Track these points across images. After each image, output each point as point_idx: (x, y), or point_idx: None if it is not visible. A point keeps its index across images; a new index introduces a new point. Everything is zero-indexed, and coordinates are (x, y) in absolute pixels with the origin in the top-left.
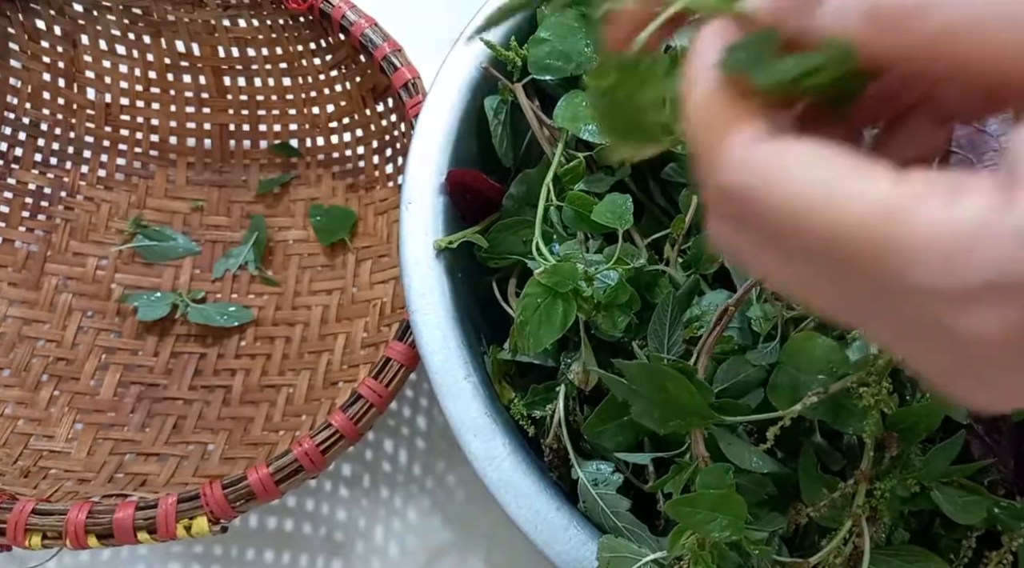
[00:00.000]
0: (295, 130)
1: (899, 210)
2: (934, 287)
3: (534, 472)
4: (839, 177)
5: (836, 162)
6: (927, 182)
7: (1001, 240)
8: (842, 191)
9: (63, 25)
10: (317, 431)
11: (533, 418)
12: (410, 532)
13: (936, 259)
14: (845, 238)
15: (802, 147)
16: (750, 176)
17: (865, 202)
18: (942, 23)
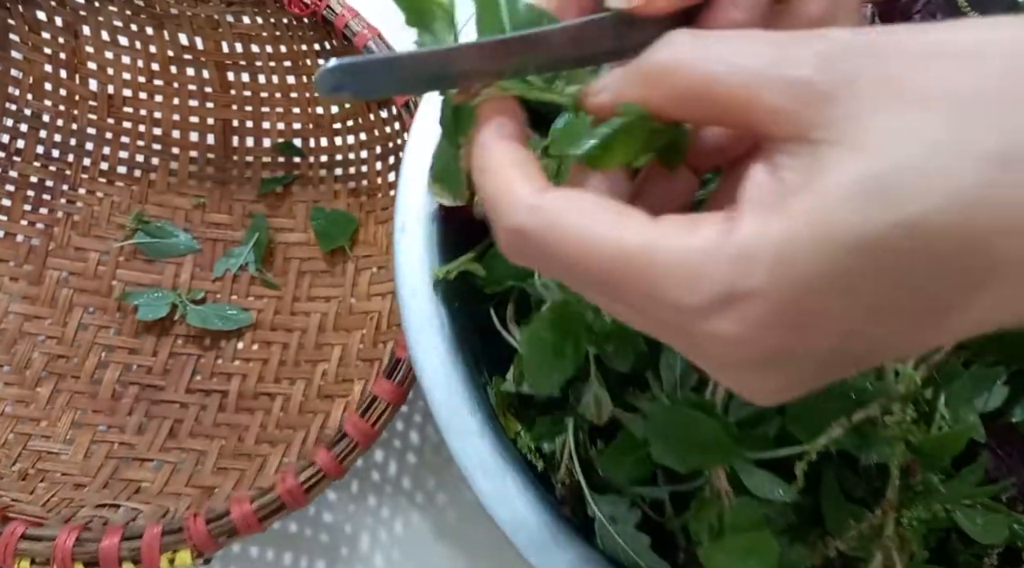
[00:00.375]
0: (299, 129)
1: (648, 245)
2: (679, 304)
3: (548, 510)
4: (605, 222)
5: (603, 210)
6: (672, 220)
7: (722, 260)
8: (608, 234)
9: (64, 16)
10: (301, 469)
11: (542, 451)
12: (396, 544)
13: (677, 281)
14: (611, 272)
15: (580, 198)
16: (535, 222)
17: (624, 242)
18: (689, 79)
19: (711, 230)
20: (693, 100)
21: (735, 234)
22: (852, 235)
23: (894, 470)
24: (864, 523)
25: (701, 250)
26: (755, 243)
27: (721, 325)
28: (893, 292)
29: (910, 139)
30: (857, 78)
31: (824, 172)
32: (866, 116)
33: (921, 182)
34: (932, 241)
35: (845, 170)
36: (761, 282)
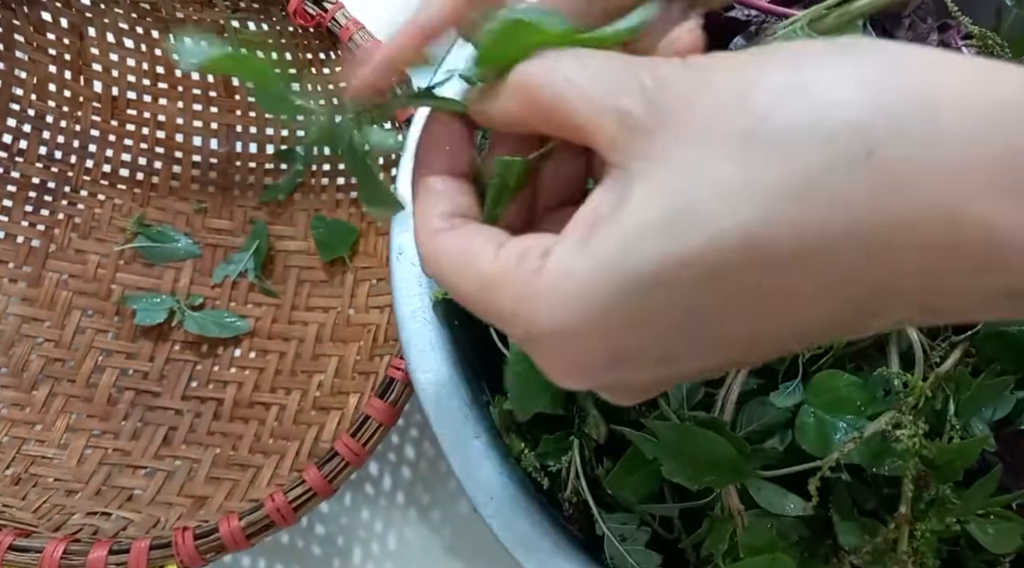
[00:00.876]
0: (302, 137)
1: (491, 284)
2: (512, 334)
3: (556, 530)
4: (465, 259)
5: (470, 245)
6: (511, 252)
7: (533, 298)
8: (469, 273)
9: (70, 17)
10: (291, 486)
11: (547, 470)
12: (389, 559)
13: (503, 315)
14: (472, 302)
15: (453, 237)
16: (430, 266)
17: (474, 278)
18: (543, 96)
19: (531, 264)
20: (547, 117)
21: (543, 273)
22: (637, 269)
23: (907, 484)
24: (878, 538)
25: (523, 284)
26: (559, 284)
27: (543, 361)
28: (682, 322)
29: (701, 175)
30: (670, 114)
31: (625, 205)
32: (670, 151)
33: (704, 217)
34: (714, 273)
35: (641, 205)
36: (567, 322)
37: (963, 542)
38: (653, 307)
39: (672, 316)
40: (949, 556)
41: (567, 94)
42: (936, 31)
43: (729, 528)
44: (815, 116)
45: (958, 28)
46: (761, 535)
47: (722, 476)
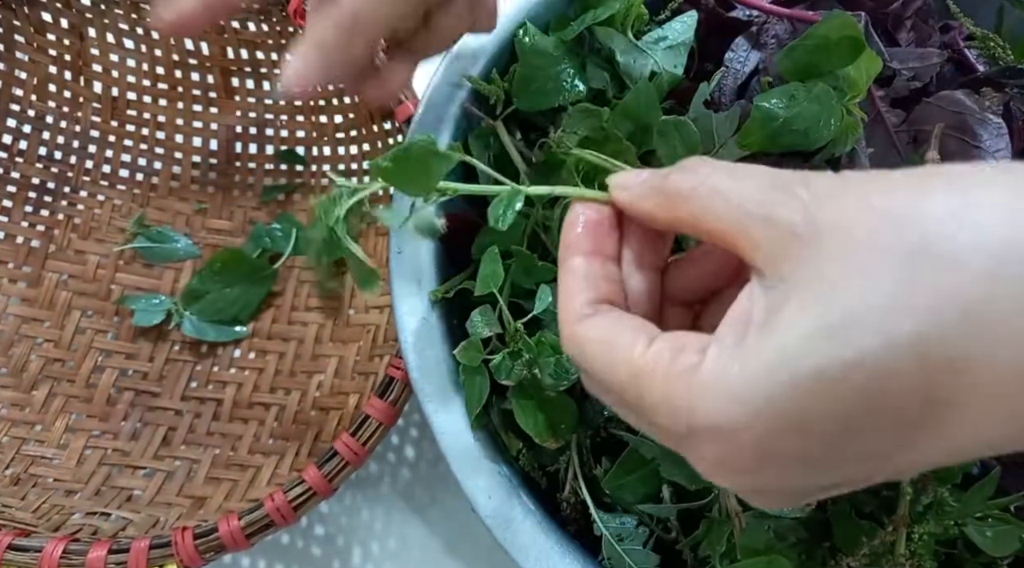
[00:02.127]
0: (302, 137)
1: (644, 374)
2: (662, 429)
3: (553, 530)
4: (614, 346)
5: (620, 333)
6: (664, 346)
7: (691, 396)
8: (618, 360)
9: (70, 18)
10: (290, 486)
11: (545, 470)
12: (389, 559)
13: (658, 410)
14: (619, 394)
15: (600, 323)
16: (573, 349)
17: (623, 366)
18: (694, 212)
19: (687, 361)
20: (694, 225)
21: (701, 370)
22: (798, 372)
23: (906, 487)
24: (876, 540)
25: (679, 381)
26: (716, 383)
27: (693, 455)
28: (838, 429)
29: (864, 287)
30: (828, 228)
31: (782, 311)
32: (826, 262)
33: (871, 324)
34: (871, 381)
35: (800, 312)
36: (727, 420)
37: (960, 544)
38: (810, 412)
39: (827, 422)
40: (947, 558)
41: (720, 209)
42: (938, 32)
43: (727, 530)
44: (976, 235)
45: (960, 29)
46: (759, 537)
47: None
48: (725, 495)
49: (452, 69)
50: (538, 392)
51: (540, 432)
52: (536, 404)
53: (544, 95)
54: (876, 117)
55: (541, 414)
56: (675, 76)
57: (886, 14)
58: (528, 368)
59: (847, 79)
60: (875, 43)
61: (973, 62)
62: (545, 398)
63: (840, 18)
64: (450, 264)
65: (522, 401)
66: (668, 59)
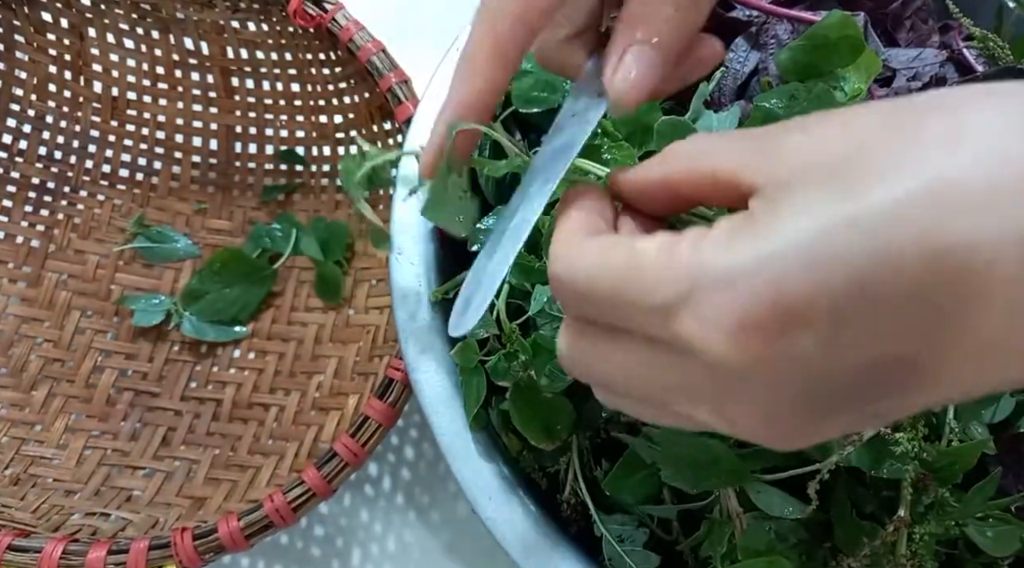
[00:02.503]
0: (302, 138)
1: (641, 254)
2: (669, 314)
3: (555, 532)
4: (604, 249)
5: (614, 243)
6: (658, 238)
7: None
8: (606, 258)
9: (70, 18)
10: (290, 487)
11: (546, 471)
12: (388, 560)
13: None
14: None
15: (590, 240)
16: (563, 266)
17: (621, 257)
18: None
19: (692, 236)
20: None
21: (712, 232)
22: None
23: (907, 487)
24: (877, 540)
25: (683, 250)
26: (734, 235)
27: (694, 324)
28: (877, 324)
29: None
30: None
31: (792, 197)
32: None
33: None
34: (908, 272)
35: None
36: (725, 266)
37: (961, 544)
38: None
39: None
40: (947, 559)
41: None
42: (937, 32)
43: (728, 531)
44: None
45: (959, 29)
46: (760, 538)
47: (721, 480)
48: (726, 496)
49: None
50: (535, 393)
51: (536, 434)
52: (532, 406)
53: (543, 95)
54: None
55: (537, 416)
56: None
57: (885, 14)
58: (524, 369)
59: (847, 79)
60: (874, 43)
61: (972, 62)
62: (542, 399)
63: (839, 18)
64: (450, 264)
65: (518, 402)
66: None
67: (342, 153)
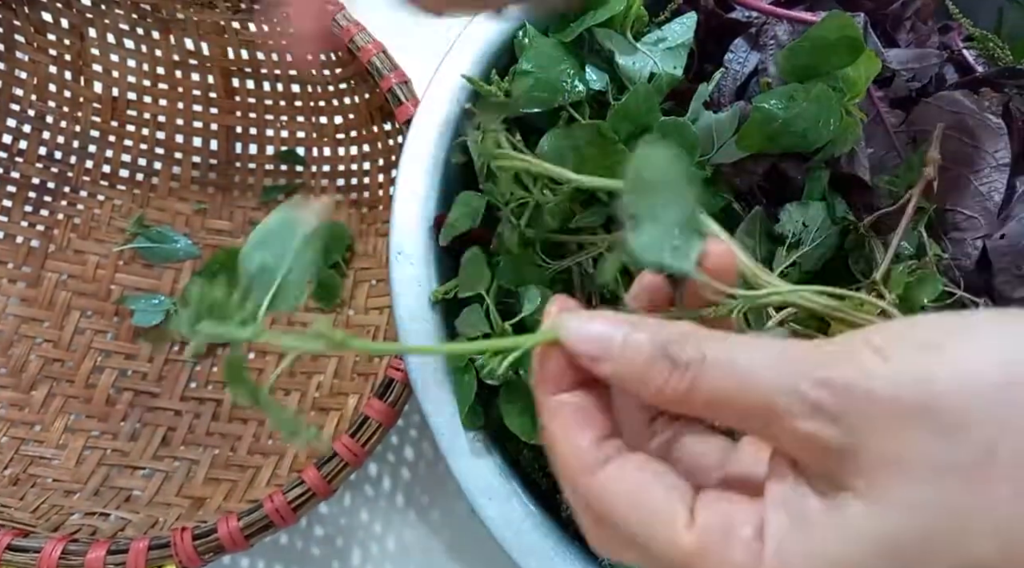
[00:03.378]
0: (302, 138)
1: (693, 558)
2: None
3: (555, 532)
4: (649, 513)
5: (651, 492)
6: (709, 528)
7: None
8: (655, 531)
9: (70, 18)
10: (290, 487)
11: (546, 471)
12: (388, 560)
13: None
14: (654, 561)
15: (620, 476)
16: (597, 507)
17: (667, 545)
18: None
19: (744, 552)
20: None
21: (763, 563)
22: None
23: None
24: None
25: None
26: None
27: None
28: None
29: (923, 511)
30: (861, 437)
31: (846, 525)
32: (881, 476)
33: (935, 552)
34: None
35: (865, 529)
36: None
37: None
38: None
39: None
40: None
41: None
42: (937, 33)
43: None
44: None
45: (959, 30)
46: None
47: None
48: None
49: (452, 70)
50: (525, 391)
51: (526, 431)
52: (523, 404)
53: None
54: (875, 118)
55: (527, 414)
56: (674, 77)
57: (885, 15)
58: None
59: (846, 80)
60: (874, 44)
61: (972, 63)
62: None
63: (839, 19)
64: (450, 265)
65: (509, 401)
66: (667, 60)
67: (342, 153)
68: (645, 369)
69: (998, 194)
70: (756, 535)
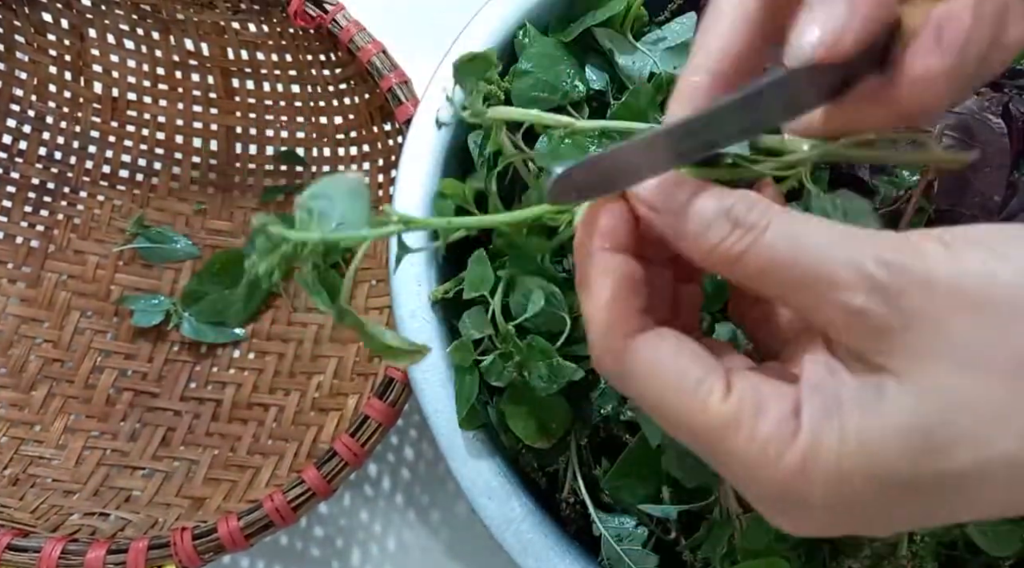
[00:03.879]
0: (302, 138)
1: (722, 427)
2: (742, 484)
3: (554, 531)
4: (688, 386)
5: (687, 368)
6: (744, 400)
7: (782, 468)
8: (689, 404)
9: (70, 18)
10: (290, 486)
11: (545, 470)
12: (388, 560)
13: (742, 468)
14: (685, 431)
15: (657, 347)
16: (613, 369)
17: (701, 415)
18: (756, 266)
19: (778, 428)
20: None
21: (794, 446)
22: (895, 475)
23: None
24: (877, 542)
25: (768, 452)
26: (811, 462)
27: (776, 518)
28: (918, 508)
29: (959, 398)
30: (913, 319)
31: (880, 407)
32: (924, 360)
33: (962, 442)
34: (960, 486)
35: (899, 412)
36: (813, 498)
37: (961, 544)
38: (896, 501)
39: (902, 513)
40: (947, 560)
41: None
42: None
43: (728, 531)
44: None
45: None
46: (759, 538)
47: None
48: (726, 497)
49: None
50: (529, 393)
51: (529, 434)
52: (527, 406)
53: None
54: None
55: (531, 416)
56: (674, 77)
57: None
58: (519, 370)
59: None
60: None
61: None
62: (536, 398)
63: None
64: (450, 264)
65: (512, 403)
66: (667, 60)
67: (342, 153)
68: (704, 226)
69: (998, 194)
70: (791, 412)
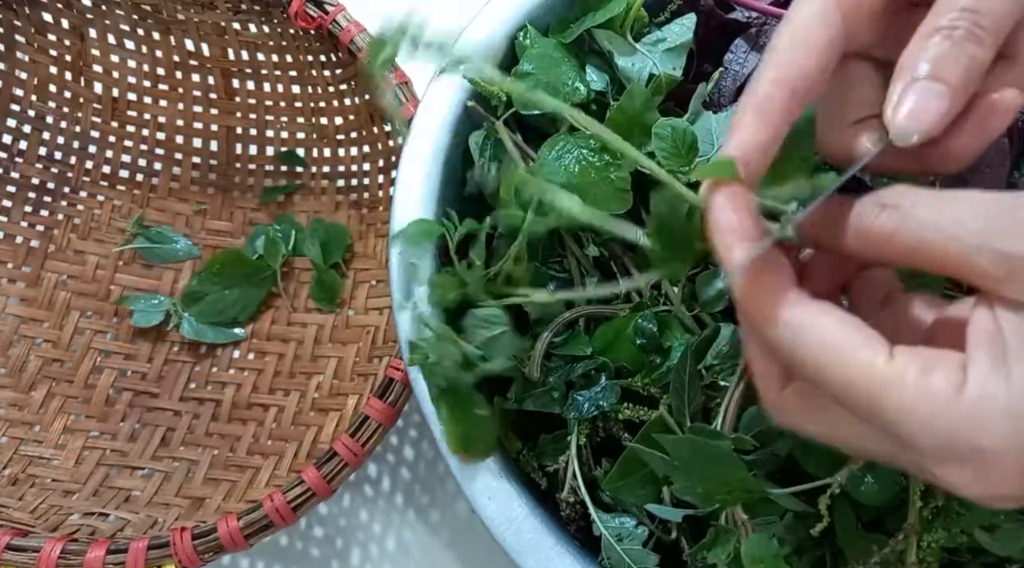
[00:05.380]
0: (302, 139)
1: (889, 383)
2: (913, 442)
3: (554, 531)
4: (852, 347)
5: (851, 334)
6: (909, 359)
7: (955, 415)
8: (853, 360)
9: (71, 18)
10: (289, 486)
11: (545, 470)
12: (387, 560)
13: (913, 422)
14: (850, 394)
15: (828, 316)
16: (783, 333)
17: (867, 373)
18: (905, 247)
19: (945, 380)
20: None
21: (966, 392)
22: None
23: (915, 496)
24: (887, 549)
25: (937, 399)
26: (984, 405)
27: (955, 475)
28: None
29: None
30: None
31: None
32: None
33: None
34: None
35: None
36: (993, 443)
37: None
38: None
39: None
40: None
41: (937, 242)
42: None
43: (733, 537)
44: None
45: None
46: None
47: (733, 495)
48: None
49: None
50: (461, 400)
51: (453, 442)
52: (458, 413)
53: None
54: None
55: (460, 424)
56: (674, 78)
57: None
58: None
59: None
60: None
61: None
62: (466, 409)
63: None
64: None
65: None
66: (667, 61)
67: (342, 154)
68: (854, 211)
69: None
70: (958, 366)
